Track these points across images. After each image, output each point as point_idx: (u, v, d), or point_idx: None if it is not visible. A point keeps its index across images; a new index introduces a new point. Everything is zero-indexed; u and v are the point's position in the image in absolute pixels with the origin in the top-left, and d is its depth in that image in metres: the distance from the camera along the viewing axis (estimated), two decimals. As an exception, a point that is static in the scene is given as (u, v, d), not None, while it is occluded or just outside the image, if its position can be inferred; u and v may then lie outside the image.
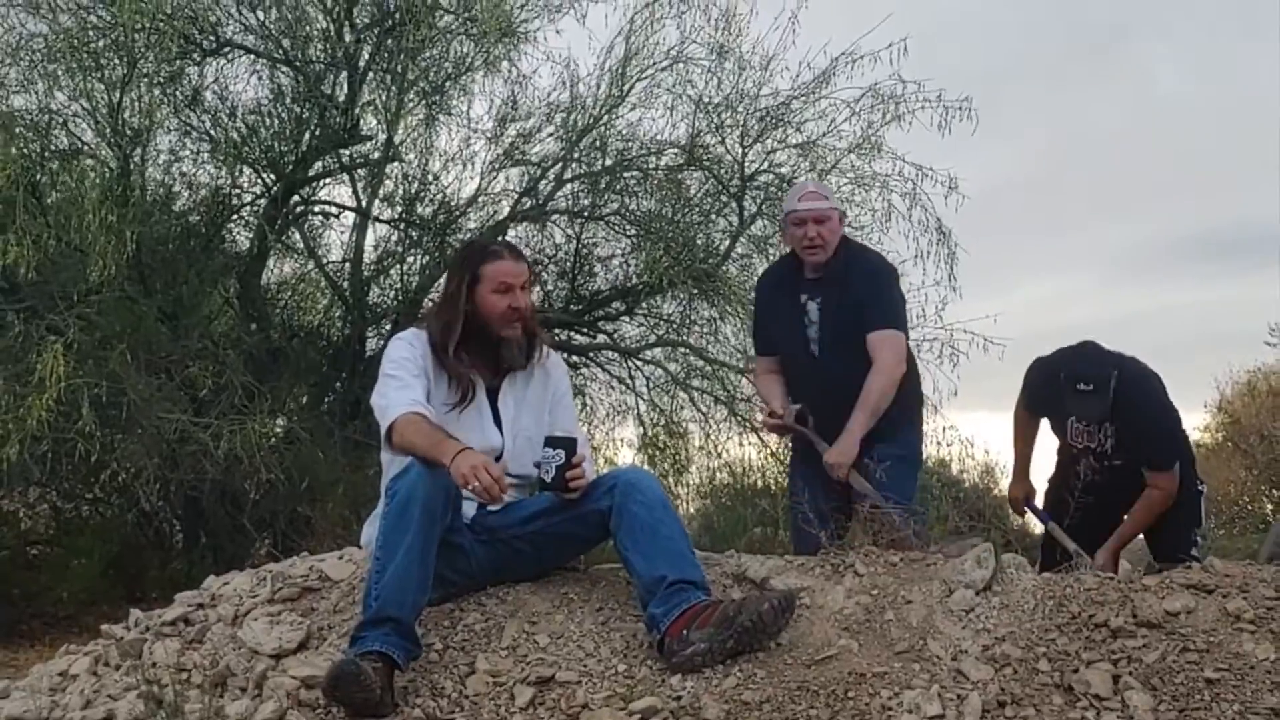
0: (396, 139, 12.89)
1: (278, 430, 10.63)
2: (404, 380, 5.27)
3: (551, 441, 5.21)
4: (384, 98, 12.54)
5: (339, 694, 4.54)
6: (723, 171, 13.17)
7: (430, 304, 5.94)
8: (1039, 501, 7.60)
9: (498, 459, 5.25)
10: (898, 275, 7.03)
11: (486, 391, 5.52)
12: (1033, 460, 7.67)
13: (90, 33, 11.20)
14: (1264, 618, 4.83)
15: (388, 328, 13.30)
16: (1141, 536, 7.38)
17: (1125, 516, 7.15)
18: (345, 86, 12.56)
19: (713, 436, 14.88)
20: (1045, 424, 7.48)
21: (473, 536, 5.23)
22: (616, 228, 13.87)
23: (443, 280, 6.19)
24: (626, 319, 14.65)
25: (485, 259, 5.52)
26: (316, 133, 12.66)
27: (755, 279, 13.39)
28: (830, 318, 6.65)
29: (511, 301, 5.42)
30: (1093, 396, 6.81)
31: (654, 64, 12.95)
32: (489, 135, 13.70)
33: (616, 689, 4.68)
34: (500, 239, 10.93)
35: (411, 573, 4.76)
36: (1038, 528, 8.20)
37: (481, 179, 13.83)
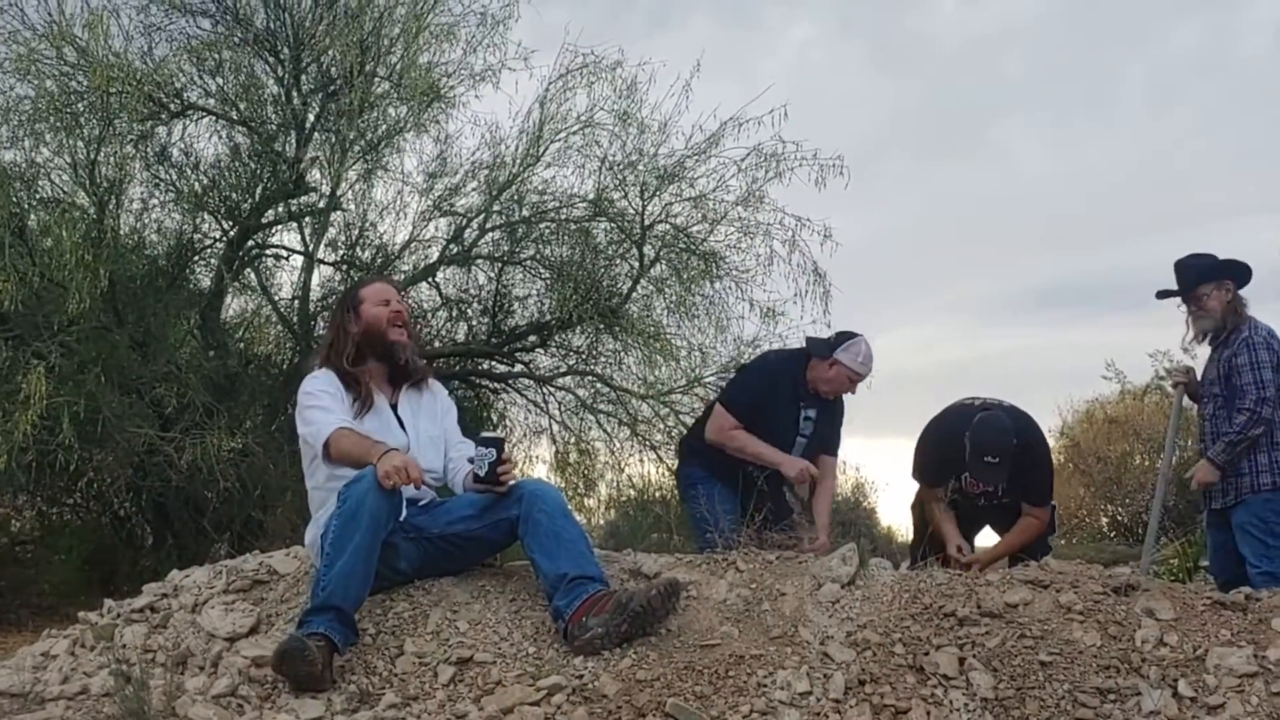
0: (339, 191, 12.83)
1: (235, 445, 10.56)
2: (324, 405, 5.38)
3: (483, 441, 5.28)
4: (327, 154, 12.44)
5: (285, 668, 4.58)
6: (625, 222, 13.13)
7: (322, 342, 6.06)
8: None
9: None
10: None
11: (389, 405, 5.59)
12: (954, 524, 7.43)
13: (71, 96, 11.11)
14: (1091, 609, 4.94)
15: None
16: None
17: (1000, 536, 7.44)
18: (293, 144, 12.50)
19: (616, 454, 14.88)
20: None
21: (403, 535, 5.26)
22: (532, 271, 13.86)
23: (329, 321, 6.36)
24: (541, 350, 14.61)
25: (362, 285, 5.81)
26: (269, 185, 12.60)
27: (655, 314, 13.51)
28: (818, 432, 7.28)
29: (393, 308, 5.61)
30: (998, 467, 6.93)
31: (566, 128, 12.93)
32: (420, 189, 13.68)
33: (527, 668, 4.72)
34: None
35: (356, 570, 4.82)
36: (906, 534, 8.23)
37: (413, 227, 13.77)
